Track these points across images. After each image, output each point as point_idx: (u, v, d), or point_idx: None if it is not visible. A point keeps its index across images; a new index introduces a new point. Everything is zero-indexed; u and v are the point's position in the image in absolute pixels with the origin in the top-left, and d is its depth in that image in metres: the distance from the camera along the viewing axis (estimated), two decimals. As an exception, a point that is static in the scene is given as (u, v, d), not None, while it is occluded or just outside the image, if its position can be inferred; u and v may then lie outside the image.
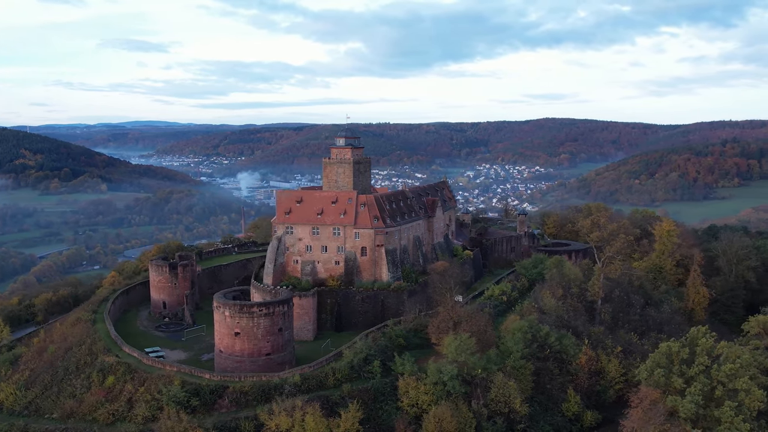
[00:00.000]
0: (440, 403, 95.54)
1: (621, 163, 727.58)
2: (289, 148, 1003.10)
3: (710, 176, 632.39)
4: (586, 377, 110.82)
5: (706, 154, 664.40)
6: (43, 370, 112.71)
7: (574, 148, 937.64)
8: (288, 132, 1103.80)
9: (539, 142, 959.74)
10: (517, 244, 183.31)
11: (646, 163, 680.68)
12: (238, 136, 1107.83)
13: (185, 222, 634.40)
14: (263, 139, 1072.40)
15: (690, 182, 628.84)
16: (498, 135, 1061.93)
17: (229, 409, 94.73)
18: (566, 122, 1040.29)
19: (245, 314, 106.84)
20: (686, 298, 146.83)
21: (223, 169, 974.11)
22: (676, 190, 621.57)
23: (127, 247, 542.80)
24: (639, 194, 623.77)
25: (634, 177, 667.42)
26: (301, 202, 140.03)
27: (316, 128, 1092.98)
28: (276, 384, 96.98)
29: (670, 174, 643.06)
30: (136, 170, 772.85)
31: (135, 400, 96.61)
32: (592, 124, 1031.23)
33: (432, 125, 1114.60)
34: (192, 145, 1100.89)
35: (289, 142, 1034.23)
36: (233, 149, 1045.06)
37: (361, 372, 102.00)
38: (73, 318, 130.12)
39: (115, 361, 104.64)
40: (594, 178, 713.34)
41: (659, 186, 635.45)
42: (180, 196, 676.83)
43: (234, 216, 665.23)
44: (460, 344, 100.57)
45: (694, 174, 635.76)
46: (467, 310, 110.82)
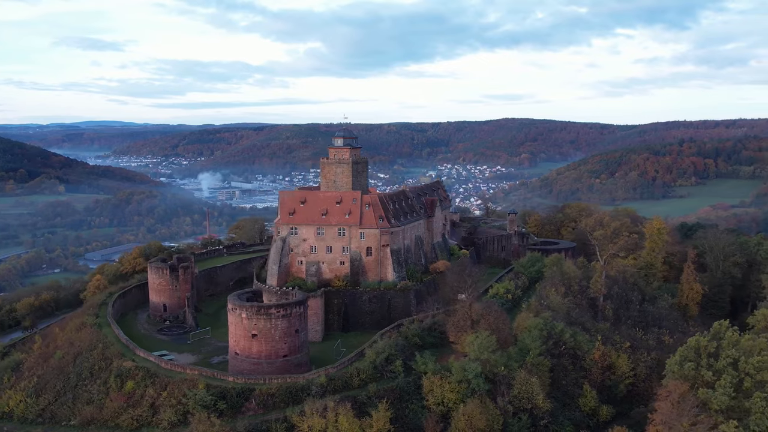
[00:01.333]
0: (466, 400, 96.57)
1: (581, 162, 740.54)
2: (250, 148, 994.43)
3: (668, 175, 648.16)
4: (599, 372, 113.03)
5: (664, 153, 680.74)
6: (53, 377, 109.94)
7: (534, 147, 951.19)
8: (248, 132, 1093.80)
9: (500, 142, 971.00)
10: (508, 242, 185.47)
11: (607, 163, 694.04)
12: (197, 136, 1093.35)
13: (147, 224, 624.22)
14: (223, 140, 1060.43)
15: (649, 181, 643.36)
16: (459, 135, 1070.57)
17: (256, 412, 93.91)
18: (526, 122, 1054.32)
19: (263, 316, 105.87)
20: (680, 293, 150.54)
21: (182, 169, 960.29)
22: (636, 188, 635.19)
23: (88, 249, 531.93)
24: (600, 193, 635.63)
25: (594, 176, 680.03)
26: (305, 202, 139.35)
27: (277, 128, 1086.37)
28: (302, 386, 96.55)
29: (630, 173, 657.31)
30: (94, 171, 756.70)
31: (158, 405, 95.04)
32: (550, 124, 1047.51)
33: (393, 125, 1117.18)
34: (150, 145, 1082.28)
35: (249, 143, 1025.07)
36: (192, 149, 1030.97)
37: (384, 372, 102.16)
38: (76, 323, 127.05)
39: (133, 366, 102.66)
40: (555, 177, 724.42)
41: (619, 185, 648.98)
42: (141, 198, 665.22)
43: (197, 217, 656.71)
44: (482, 342, 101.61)
45: (653, 173, 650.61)
46: (485, 308, 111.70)
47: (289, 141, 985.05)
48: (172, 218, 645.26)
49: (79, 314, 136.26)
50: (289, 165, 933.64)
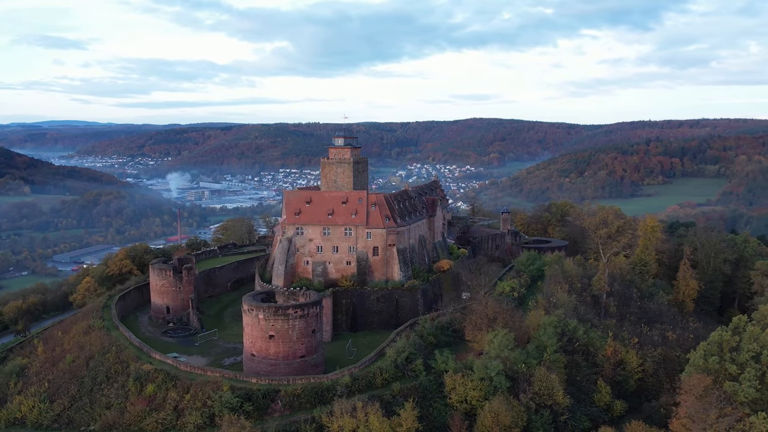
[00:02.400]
0: (489, 398, 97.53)
1: (551, 161, 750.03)
2: (218, 148, 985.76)
3: (636, 174, 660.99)
4: (610, 368, 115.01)
5: (631, 153, 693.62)
6: (66, 381, 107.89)
7: (502, 147, 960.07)
8: (216, 132, 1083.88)
9: (469, 142, 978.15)
10: (501, 241, 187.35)
11: (576, 162, 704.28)
12: (164, 136, 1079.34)
13: (116, 225, 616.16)
14: (190, 139, 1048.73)
15: (617, 180, 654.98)
16: (428, 135, 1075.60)
17: (282, 413, 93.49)
18: (494, 122, 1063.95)
19: (280, 316, 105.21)
20: (676, 290, 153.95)
21: (149, 170, 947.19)
22: (605, 187, 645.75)
23: (56, 251, 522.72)
24: (569, 192, 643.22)
25: (564, 175, 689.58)
26: (311, 202, 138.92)
27: (245, 128, 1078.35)
28: (328, 386, 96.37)
29: (599, 172, 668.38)
30: (59, 172, 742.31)
31: (182, 408, 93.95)
32: (518, 124, 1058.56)
33: (362, 125, 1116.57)
34: (115, 145, 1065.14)
35: (217, 142, 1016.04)
36: (159, 149, 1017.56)
37: (405, 371, 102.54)
38: (82, 326, 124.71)
39: (153, 369, 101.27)
40: (525, 176, 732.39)
41: (589, 184, 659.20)
42: (109, 198, 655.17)
43: (167, 218, 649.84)
44: (501, 340, 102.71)
45: (621, 172, 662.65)
46: (502, 307, 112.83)
47: (257, 141, 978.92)
48: (141, 219, 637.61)
49: (81, 317, 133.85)
50: (258, 165, 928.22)
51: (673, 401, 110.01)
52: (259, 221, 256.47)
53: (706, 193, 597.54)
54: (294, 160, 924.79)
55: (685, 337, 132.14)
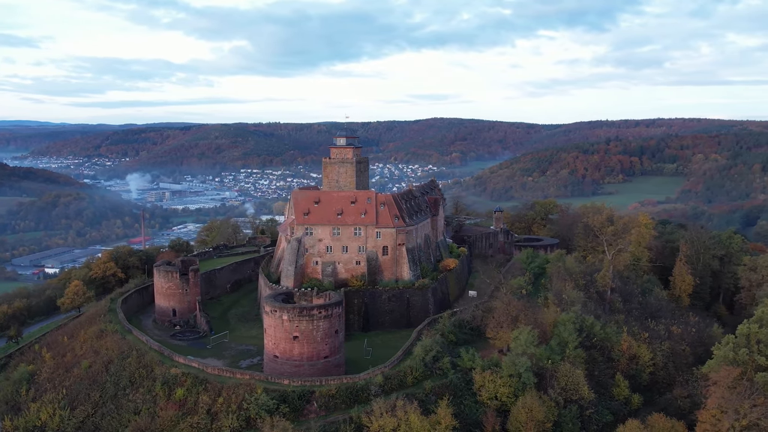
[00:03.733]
0: (518, 394, 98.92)
1: (514, 161, 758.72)
2: (177, 148, 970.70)
3: (597, 173, 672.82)
4: (625, 363, 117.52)
5: (592, 152, 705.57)
6: (85, 387, 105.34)
7: (463, 147, 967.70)
8: (174, 132, 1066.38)
9: (430, 141, 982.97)
10: (495, 240, 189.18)
11: (538, 161, 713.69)
12: (121, 136, 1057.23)
13: (75, 227, 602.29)
14: (148, 140, 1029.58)
15: (579, 179, 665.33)
16: (389, 134, 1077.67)
17: (318, 414, 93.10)
18: (454, 122, 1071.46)
19: (305, 317, 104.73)
20: (672, 285, 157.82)
21: (106, 170, 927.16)
22: (567, 186, 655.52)
23: (15, 255, 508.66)
24: (532, 191, 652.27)
25: (527, 174, 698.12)
26: (319, 202, 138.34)
27: (205, 128, 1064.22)
28: (362, 386, 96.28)
29: (561, 171, 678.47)
30: (15, 173, 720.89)
31: (215, 411, 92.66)
32: (479, 123, 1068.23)
33: (323, 125, 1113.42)
34: (71, 145, 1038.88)
35: (176, 143, 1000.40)
36: (116, 150, 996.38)
37: (433, 369, 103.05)
38: (94, 330, 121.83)
39: (180, 373, 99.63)
40: (489, 175, 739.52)
41: (551, 183, 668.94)
42: (68, 200, 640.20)
43: (128, 219, 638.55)
44: (527, 337, 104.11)
45: (583, 171, 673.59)
46: (524, 304, 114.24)
47: (218, 141, 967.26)
48: (102, 221, 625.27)
49: (85, 322, 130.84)
50: (218, 165, 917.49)
51: (686, 393, 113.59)
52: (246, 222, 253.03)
53: (666, 191, 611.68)
54: (255, 160, 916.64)
55: (688, 331, 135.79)
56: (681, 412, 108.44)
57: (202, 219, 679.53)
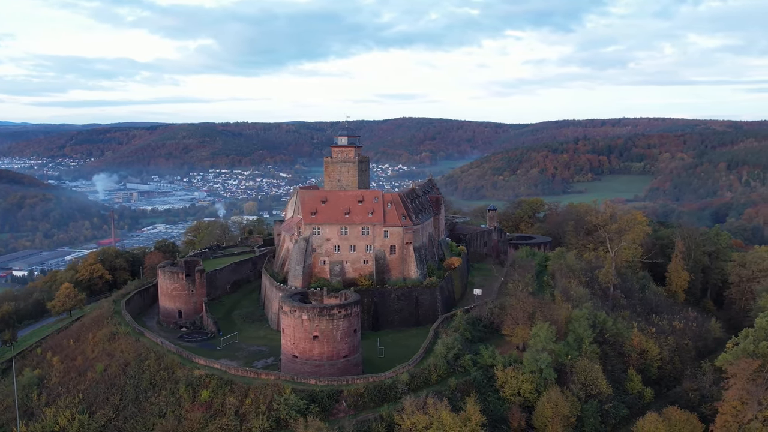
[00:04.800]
0: (541, 390, 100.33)
1: (484, 160, 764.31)
2: (144, 148, 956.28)
3: (567, 172, 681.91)
4: (636, 357, 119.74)
5: (561, 151, 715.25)
6: (103, 391, 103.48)
7: (433, 146, 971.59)
8: (141, 132, 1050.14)
9: (400, 141, 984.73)
10: (489, 238, 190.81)
11: (508, 160, 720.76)
12: (86, 136, 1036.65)
13: (42, 229, 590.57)
14: (114, 139, 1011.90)
15: (549, 177, 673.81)
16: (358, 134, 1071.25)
17: (347, 413, 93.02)
18: (423, 121, 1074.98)
19: (325, 317, 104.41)
20: (669, 281, 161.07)
21: (71, 171, 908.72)
22: (537, 185, 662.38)
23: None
24: (503, 190, 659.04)
25: (498, 173, 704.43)
26: (326, 202, 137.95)
27: (171, 128, 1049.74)
28: (389, 384, 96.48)
29: (531, 170, 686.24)
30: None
31: (243, 413, 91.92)
32: (447, 123, 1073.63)
33: (292, 124, 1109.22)
34: (34, 146, 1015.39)
35: (142, 142, 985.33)
36: (81, 150, 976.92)
37: (455, 366, 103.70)
38: (104, 332, 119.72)
39: (204, 374, 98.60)
40: (460, 175, 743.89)
41: (522, 181, 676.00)
42: (34, 201, 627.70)
43: (96, 221, 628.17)
44: (546, 334, 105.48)
45: (553, 170, 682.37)
46: (540, 301, 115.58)
47: (185, 141, 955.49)
48: (70, 222, 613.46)
49: (90, 324, 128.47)
50: (186, 165, 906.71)
51: (696, 387, 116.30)
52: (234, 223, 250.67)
53: (634, 190, 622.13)
54: (224, 160, 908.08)
55: (689, 326, 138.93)
56: (691, 404, 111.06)
57: (171, 220, 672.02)
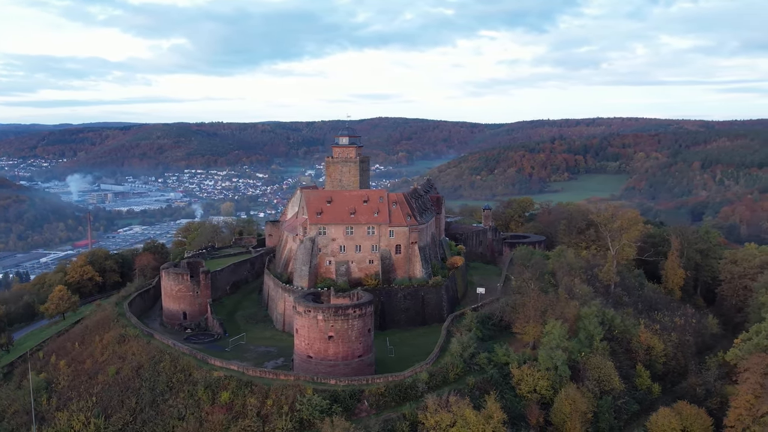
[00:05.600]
0: (556, 387, 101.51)
1: (462, 160, 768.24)
2: (118, 148, 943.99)
3: (543, 171, 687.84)
4: (643, 353, 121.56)
5: (538, 151, 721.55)
6: (117, 394, 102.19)
7: (409, 146, 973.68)
8: (114, 132, 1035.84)
9: (376, 141, 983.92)
10: (484, 237, 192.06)
11: (486, 160, 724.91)
12: (57, 136, 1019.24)
13: (16, 230, 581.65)
14: (86, 140, 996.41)
15: (526, 177, 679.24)
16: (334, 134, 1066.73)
17: (368, 413, 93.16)
18: (399, 121, 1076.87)
19: (340, 317, 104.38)
20: (665, 279, 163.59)
21: (43, 172, 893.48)
22: (515, 184, 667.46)
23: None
24: (481, 189, 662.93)
25: (475, 173, 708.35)
26: (332, 202, 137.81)
27: (145, 128, 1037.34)
28: (409, 383, 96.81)
29: (508, 170, 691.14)
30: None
31: (265, 414, 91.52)
32: (423, 123, 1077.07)
33: (267, 124, 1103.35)
34: (4, 146, 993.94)
35: (116, 143, 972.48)
36: (53, 150, 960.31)
37: (471, 365, 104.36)
38: (112, 335, 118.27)
39: (223, 376, 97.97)
40: (437, 174, 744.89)
41: (499, 181, 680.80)
42: (6, 203, 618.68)
43: (71, 222, 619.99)
44: (560, 331, 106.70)
45: (530, 169, 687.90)
46: (551, 299, 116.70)
47: (159, 141, 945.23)
48: (44, 224, 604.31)
49: (95, 327, 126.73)
50: (161, 166, 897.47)
51: (701, 381, 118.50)
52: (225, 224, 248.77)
53: (610, 189, 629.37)
54: (199, 160, 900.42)
55: (689, 322, 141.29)
56: (697, 399, 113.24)
57: (148, 221, 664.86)
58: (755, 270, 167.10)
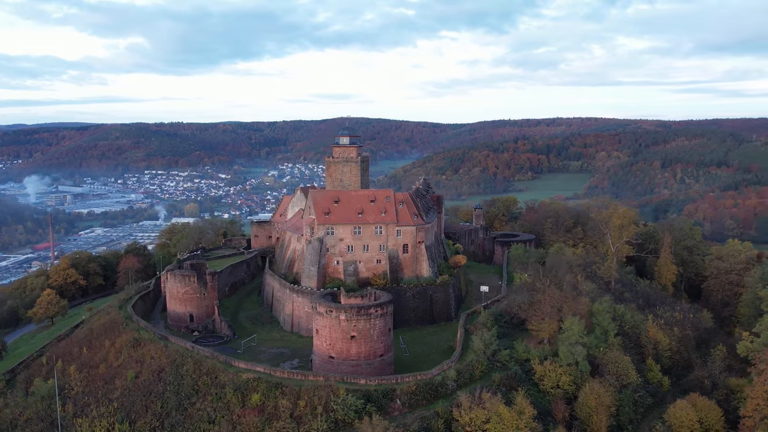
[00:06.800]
0: (578, 382, 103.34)
1: (426, 159, 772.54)
2: (75, 149, 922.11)
3: (508, 171, 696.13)
4: (651, 348, 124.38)
5: (502, 150, 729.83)
6: (140, 398, 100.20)
7: (372, 146, 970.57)
8: (71, 132, 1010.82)
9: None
10: (476, 236, 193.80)
11: (450, 160, 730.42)
12: (11, 137, 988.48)
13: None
14: (42, 140, 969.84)
15: (491, 176, 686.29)
16: (296, 134, 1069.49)
17: (401, 411, 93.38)
18: (362, 121, 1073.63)
19: (363, 316, 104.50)
20: (658, 275, 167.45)
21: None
22: (480, 184, 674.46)
23: None
24: (446, 189, 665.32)
25: (440, 173, 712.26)
26: (339, 202, 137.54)
27: (103, 128, 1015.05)
28: (439, 381, 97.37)
29: (473, 169, 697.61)
30: None
31: (298, 415, 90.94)
32: (386, 123, 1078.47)
33: (228, 124, 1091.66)
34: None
35: (73, 143, 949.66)
36: (7, 152, 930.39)
37: (494, 362, 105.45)
38: (124, 339, 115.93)
39: (253, 378, 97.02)
40: (403, 174, 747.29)
41: (464, 180, 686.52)
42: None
43: (30, 225, 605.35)
44: (579, 327, 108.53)
45: (494, 169, 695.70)
46: (567, 295, 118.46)
47: (118, 141, 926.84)
48: (2, 227, 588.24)
49: (102, 330, 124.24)
50: (121, 167, 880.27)
51: (707, 374, 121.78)
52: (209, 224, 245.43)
53: (573, 188, 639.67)
54: (160, 161, 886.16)
55: (687, 317, 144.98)
56: (705, 391, 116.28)
57: (109, 223, 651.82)
58: (741, 266, 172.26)
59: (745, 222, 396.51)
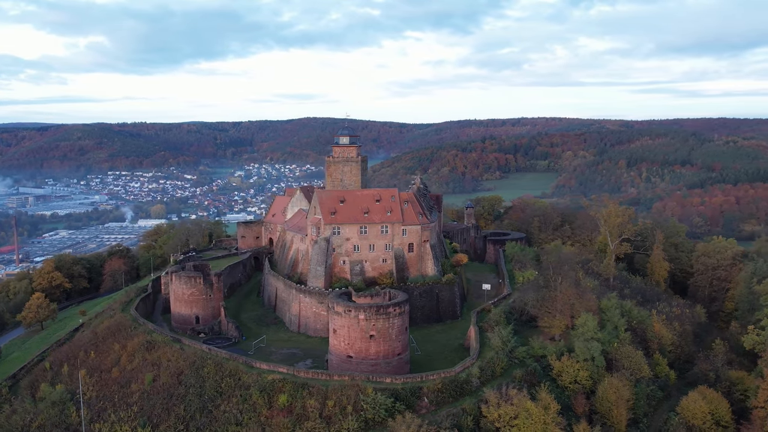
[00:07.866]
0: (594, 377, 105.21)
1: (395, 159, 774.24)
2: (35, 150, 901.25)
3: (476, 170, 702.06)
4: (655, 342, 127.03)
5: (470, 150, 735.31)
6: (161, 402, 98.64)
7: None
8: (30, 133, 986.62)
9: (306, 141, 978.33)
10: (468, 235, 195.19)
11: (419, 159, 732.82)
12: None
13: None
14: (1, 141, 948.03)
15: (459, 176, 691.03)
16: (262, 134, 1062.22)
17: (428, 409, 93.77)
18: (328, 121, 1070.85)
19: (382, 315, 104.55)
20: (650, 272, 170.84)
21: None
22: (449, 183, 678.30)
23: None
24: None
25: (409, 172, 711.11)
26: (344, 201, 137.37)
27: (65, 128, 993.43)
28: (464, 379, 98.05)
29: (442, 169, 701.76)
30: None
31: (327, 415, 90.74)
32: (352, 123, 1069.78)
33: (193, 125, 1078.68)
34: None
35: (33, 144, 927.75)
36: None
37: (512, 359, 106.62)
38: (136, 342, 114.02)
39: (278, 378, 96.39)
40: (372, 174, 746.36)
41: (433, 180, 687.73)
42: None
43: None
44: (593, 323, 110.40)
45: (463, 168, 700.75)
46: (578, 293, 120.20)
47: (81, 142, 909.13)
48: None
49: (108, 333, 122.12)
50: (83, 168, 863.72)
51: (710, 367, 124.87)
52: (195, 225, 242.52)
53: (541, 187, 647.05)
54: (124, 162, 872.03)
55: (684, 312, 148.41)
56: (709, 383, 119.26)
57: (74, 225, 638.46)
58: (728, 262, 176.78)
59: (712, 219, 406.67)
